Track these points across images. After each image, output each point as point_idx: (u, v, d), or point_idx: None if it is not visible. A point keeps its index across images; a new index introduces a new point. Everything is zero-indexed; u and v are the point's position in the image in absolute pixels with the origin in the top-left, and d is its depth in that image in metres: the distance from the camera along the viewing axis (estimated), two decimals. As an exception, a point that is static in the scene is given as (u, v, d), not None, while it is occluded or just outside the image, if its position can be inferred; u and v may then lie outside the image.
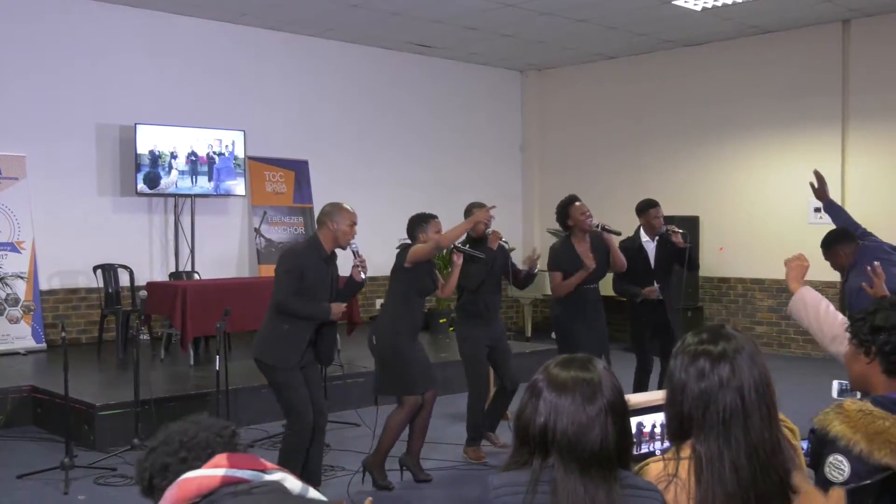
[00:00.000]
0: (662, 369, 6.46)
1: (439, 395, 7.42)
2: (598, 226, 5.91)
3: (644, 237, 6.48)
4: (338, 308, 4.66)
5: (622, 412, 1.70)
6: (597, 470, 1.66)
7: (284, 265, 4.66)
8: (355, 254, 4.81)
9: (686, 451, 1.85)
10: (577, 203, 5.95)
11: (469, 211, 5.85)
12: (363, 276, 4.80)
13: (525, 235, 12.52)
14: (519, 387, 5.86)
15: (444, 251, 5.42)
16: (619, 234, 5.81)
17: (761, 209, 10.42)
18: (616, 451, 1.68)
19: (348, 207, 4.77)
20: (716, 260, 10.73)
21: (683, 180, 11.03)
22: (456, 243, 5.35)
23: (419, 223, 5.28)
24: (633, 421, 2.25)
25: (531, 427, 1.70)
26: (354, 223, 4.75)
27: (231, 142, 9.62)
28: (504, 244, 5.90)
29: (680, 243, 6.36)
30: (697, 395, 1.84)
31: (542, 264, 6.31)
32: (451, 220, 5.46)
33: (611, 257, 5.96)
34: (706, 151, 10.93)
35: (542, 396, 1.69)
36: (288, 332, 4.61)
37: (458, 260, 5.32)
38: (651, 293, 6.35)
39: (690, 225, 10.20)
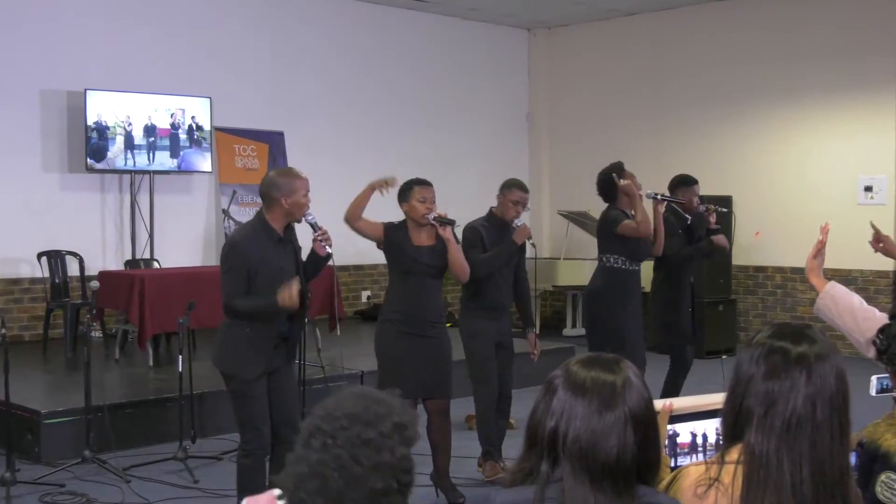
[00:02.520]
0: (671, 370, 6.51)
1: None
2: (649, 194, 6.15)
3: (684, 214, 6.57)
4: (288, 291, 4.36)
5: (647, 423, 1.70)
6: (610, 483, 1.66)
7: (224, 264, 4.49)
8: (314, 227, 4.63)
9: (733, 455, 1.86)
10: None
11: (508, 188, 5.77)
12: (328, 249, 4.66)
13: (532, 216, 12.50)
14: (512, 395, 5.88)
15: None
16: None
17: (804, 187, 10.42)
18: (635, 466, 1.68)
19: (299, 172, 4.60)
20: (751, 246, 10.73)
21: (713, 154, 11.03)
22: (438, 214, 5.13)
23: (402, 192, 5.18)
24: (671, 427, 2.26)
25: (541, 428, 1.70)
26: (308, 190, 4.58)
27: (195, 110, 9.60)
28: (532, 245, 5.89)
29: (712, 225, 6.48)
30: (763, 393, 1.84)
31: (550, 251, 6.31)
32: (448, 198, 5.44)
33: (654, 236, 6.10)
34: (739, 121, 10.91)
35: (557, 395, 1.70)
36: (249, 336, 4.48)
37: (445, 232, 5.11)
38: (722, 241, 6.47)
39: (723, 206, 10.19)
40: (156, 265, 9.16)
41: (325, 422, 1.54)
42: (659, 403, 2.22)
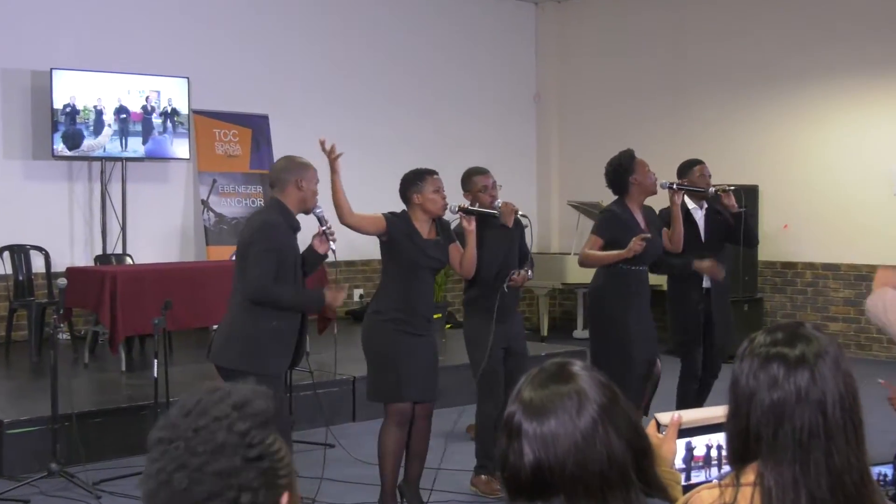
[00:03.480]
0: (680, 376, 6.54)
1: (435, 408, 7.45)
2: (671, 185, 6.11)
3: (690, 203, 6.53)
4: (336, 295, 4.62)
5: (620, 412, 1.71)
6: (614, 493, 1.66)
7: (263, 243, 4.55)
8: (321, 220, 4.77)
9: (749, 477, 1.85)
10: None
11: (467, 179, 5.79)
12: (333, 246, 4.75)
13: (540, 207, 12.51)
14: None
15: (449, 216, 5.32)
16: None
17: (836, 176, 10.41)
18: (629, 462, 1.68)
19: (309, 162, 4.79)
20: (779, 240, 10.73)
21: (738, 139, 11.01)
22: (462, 205, 5.29)
23: (412, 182, 5.22)
24: (682, 443, 2.26)
25: (521, 474, 1.68)
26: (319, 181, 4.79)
27: (171, 92, 9.60)
28: (522, 218, 5.85)
29: (732, 206, 6.40)
30: (768, 409, 1.84)
31: (559, 246, 6.31)
32: (448, 185, 5.43)
33: (672, 231, 6.10)
34: (768, 102, 10.90)
35: (524, 433, 1.69)
36: (275, 329, 4.58)
37: (470, 225, 5.23)
38: (712, 270, 6.32)
39: (747, 196, 10.19)
40: (129, 261, 9.16)
41: (163, 430, 1.50)
42: (666, 416, 2.23)
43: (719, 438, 2.32)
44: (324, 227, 4.78)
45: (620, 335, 5.88)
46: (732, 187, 6.49)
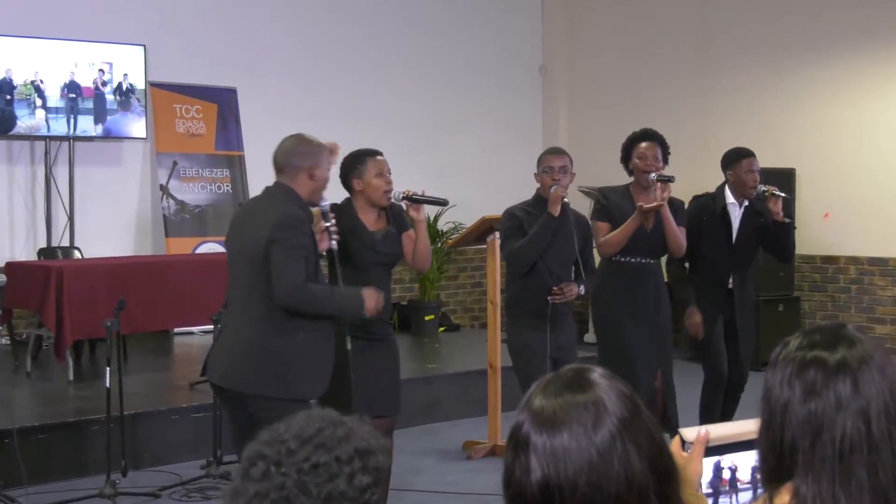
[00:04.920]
0: (704, 385, 6.55)
1: (424, 422, 7.45)
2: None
3: (729, 198, 6.47)
4: (375, 296, 4.56)
5: (642, 427, 1.71)
6: None
7: (291, 239, 4.39)
8: (326, 215, 4.73)
9: (784, 498, 1.86)
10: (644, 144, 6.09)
11: (540, 158, 5.86)
12: (334, 245, 4.74)
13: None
14: None
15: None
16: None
17: (887, 159, 10.41)
18: (650, 484, 1.67)
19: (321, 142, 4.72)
20: (819, 231, 10.73)
21: (772, 118, 11.01)
22: (407, 191, 5.16)
23: (352, 166, 5.16)
24: (709, 462, 2.25)
25: (527, 492, 1.68)
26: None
27: (126, 63, 9.57)
28: (568, 206, 5.78)
29: (778, 215, 6.30)
30: (805, 419, 1.85)
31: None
32: (444, 169, 5.42)
33: (665, 233, 6.04)
34: (807, 74, 10.89)
35: (532, 446, 1.68)
36: (304, 343, 4.45)
37: (418, 214, 5.15)
38: (695, 328, 6.32)
39: (783, 181, 10.19)
40: (77, 255, 9.14)
41: (269, 446, 1.54)
42: (692, 432, 2.23)
43: (746, 459, 2.33)
44: (328, 224, 4.72)
45: (617, 338, 5.91)
46: (784, 195, 6.38)
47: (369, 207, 5.12)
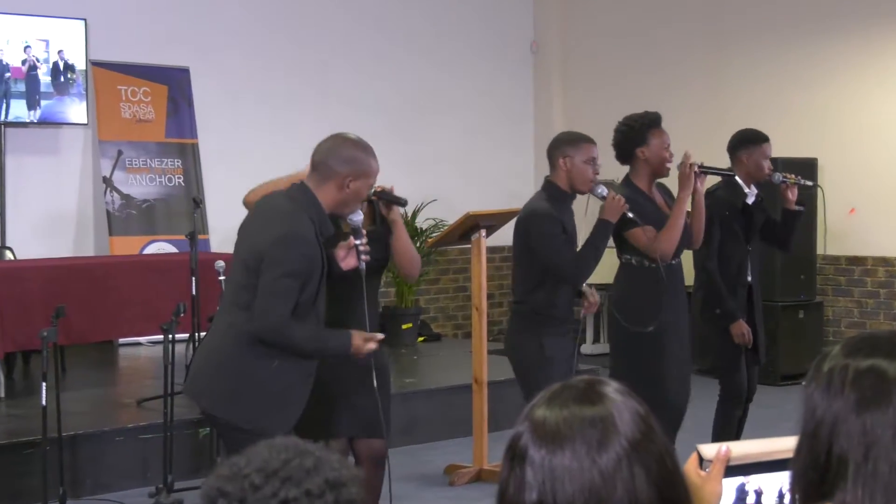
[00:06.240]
0: (720, 400, 6.58)
1: (401, 444, 7.44)
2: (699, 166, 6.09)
3: (745, 188, 6.51)
4: (364, 343, 4.51)
5: (654, 451, 1.71)
6: None
7: (285, 264, 4.34)
8: (356, 231, 4.65)
9: None
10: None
11: (555, 148, 5.83)
12: (363, 265, 4.64)
13: (538, 184, 12.47)
14: None
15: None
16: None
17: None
18: None
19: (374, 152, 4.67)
20: (844, 228, 10.76)
21: (790, 103, 11.04)
22: (379, 187, 5.11)
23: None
24: (731, 483, 2.24)
25: None
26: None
27: (63, 39, 9.53)
28: (630, 215, 5.82)
29: (791, 203, 6.40)
30: (859, 432, 1.85)
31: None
32: (425, 157, 5.41)
33: (691, 222, 6.11)
34: (830, 54, 10.92)
35: (529, 459, 1.69)
36: (276, 374, 4.44)
37: (392, 213, 5.10)
38: (741, 334, 6.38)
39: (803, 173, 10.20)
40: (8, 255, 9.09)
41: (230, 482, 1.54)
42: (711, 448, 2.23)
43: (782, 480, 2.32)
44: (357, 241, 4.61)
45: (644, 357, 5.90)
46: (811, 182, 6.44)
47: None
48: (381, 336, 4.62)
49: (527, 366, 5.85)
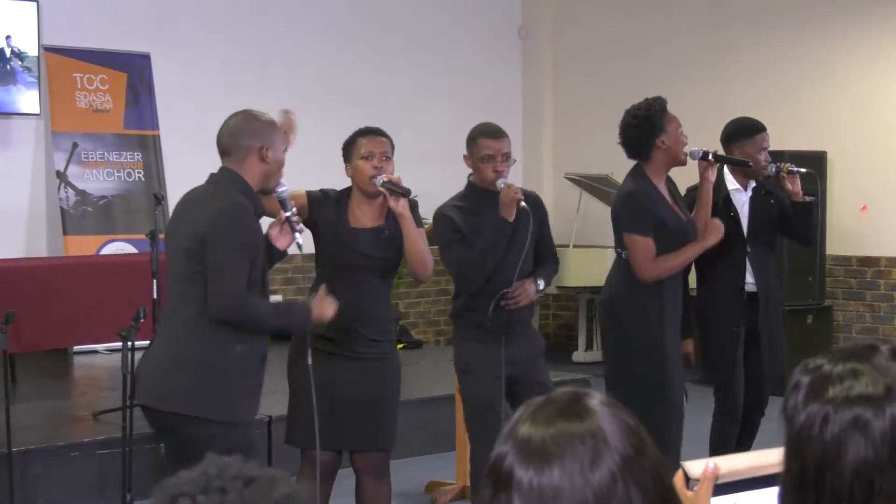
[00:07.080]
0: (714, 414, 6.60)
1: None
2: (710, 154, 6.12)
3: (732, 183, 6.54)
4: (325, 308, 4.61)
5: (648, 468, 1.71)
6: None
7: (234, 238, 4.45)
8: (285, 203, 4.74)
9: None
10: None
11: (471, 141, 5.84)
12: (299, 239, 4.74)
13: (527, 181, 12.49)
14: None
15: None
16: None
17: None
18: None
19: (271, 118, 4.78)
20: (855, 227, 10.80)
21: (798, 92, 11.08)
22: (389, 176, 5.14)
23: (344, 147, 5.29)
24: (721, 502, 2.27)
25: None
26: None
27: (13, 23, 9.55)
28: (525, 208, 5.75)
29: (797, 194, 6.41)
30: (854, 466, 1.84)
31: (555, 235, 6.33)
32: (407, 152, 5.42)
33: (696, 217, 6.14)
34: (837, 42, 10.97)
35: (515, 483, 1.68)
36: (242, 358, 4.53)
37: (397, 206, 5.10)
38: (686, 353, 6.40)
39: (812, 167, 10.24)
40: (-45, 257, 9.08)
41: (194, 485, 1.52)
42: (698, 465, 2.24)
43: (772, 496, 2.33)
44: (287, 213, 4.71)
45: (645, 363, 5.90)
46: (803, 170, 6.45)
47: (364, 198, 5.17)
48: (334, 303, 4.65)
49: (457, 374, 5.88)
